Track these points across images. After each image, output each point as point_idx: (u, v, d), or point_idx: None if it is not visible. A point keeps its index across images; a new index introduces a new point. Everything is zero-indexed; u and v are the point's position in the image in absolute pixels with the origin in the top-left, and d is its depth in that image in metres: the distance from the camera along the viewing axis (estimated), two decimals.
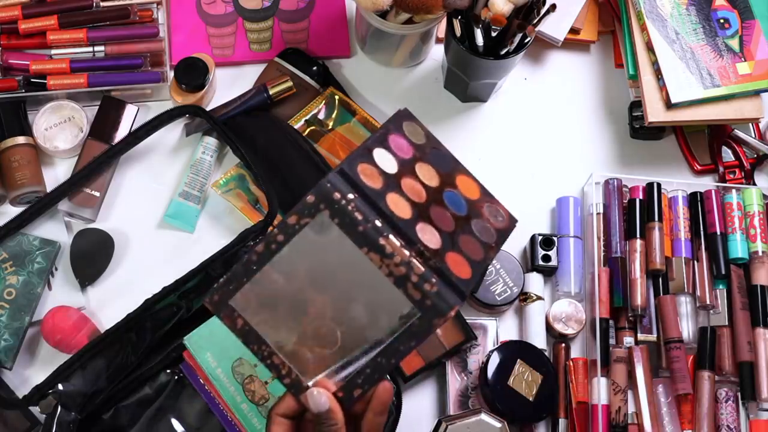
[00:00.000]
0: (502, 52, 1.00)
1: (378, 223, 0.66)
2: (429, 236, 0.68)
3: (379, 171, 0.69)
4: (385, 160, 0.71)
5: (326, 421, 0.67)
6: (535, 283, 1.02)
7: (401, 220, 0.67)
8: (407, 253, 0.66)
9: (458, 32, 0.99)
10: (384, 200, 0.67)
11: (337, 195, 0.66)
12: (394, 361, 0.65)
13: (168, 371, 0.91)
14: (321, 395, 0.67)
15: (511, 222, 0.74)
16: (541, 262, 1.03)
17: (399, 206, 0.68)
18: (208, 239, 1.03)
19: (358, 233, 0.65)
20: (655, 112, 1.06)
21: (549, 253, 1.03)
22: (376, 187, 0.68)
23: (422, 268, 0.65)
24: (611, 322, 1.01)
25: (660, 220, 1.04)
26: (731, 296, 1.03)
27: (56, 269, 0.99)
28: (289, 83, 1.06)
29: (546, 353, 0.98)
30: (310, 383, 0.66)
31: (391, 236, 0.66)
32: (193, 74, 1.05)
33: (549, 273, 1.04)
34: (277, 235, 0.66)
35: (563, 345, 1.01)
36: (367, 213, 0.66)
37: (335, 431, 0.67)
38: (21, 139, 1.02)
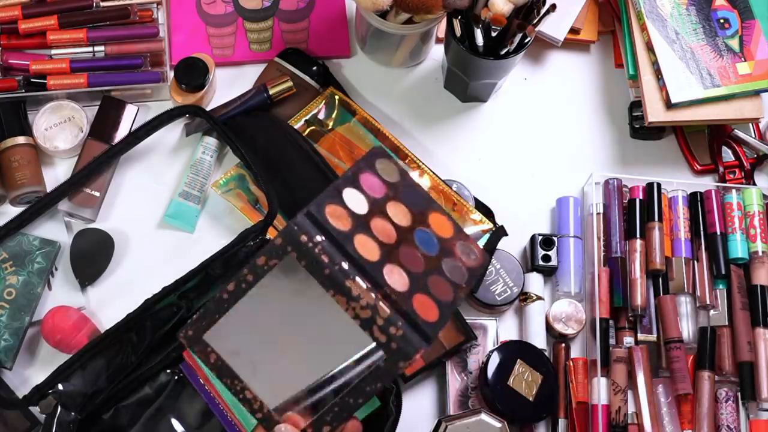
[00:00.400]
0: (502, 52, 1.00)
1: (345, 265, 0.67)
2: (396, 278, 0.68)
3: (349, 212, 0.70)
4: (355, 200, 0.71)
5: None
6: (535, 283, 1.02)
7: (368, 263, 0.68)
8: (373, 296, 0.66)
9: (458, 32, 0.99)
10: (351, 242, 0.68)
11: (304, 238, 0.67)
12: (362, 400, 0.67)
13: (168, 371, 0.91)
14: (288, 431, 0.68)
15: (484, 259, 0.74)
16: (541, 262, 1.03)
17: (367, 248, 0.69)
18: (208, 239, 1.03)
19: (324, 276, 0.66)
20: (655, 112, 1.06)
21: (549, 253, 1.03)
22: (344, 229, 0.68)
23: (388, 311, 0.66)
24: (611, 322, 1.01)
25: (660, 220, 1.04)
26: (731, 296, 1.03)
27: (56, 269, 0.99)
28: (289, 83, 1.06)
29: (546, 353, 0.98)
30: (281, 418, 0.68)
31: (357, 279, 0.67)
32: (193, 74, 1.05)
33: (549, 273, 1.04)
34: (247, 275, 0.68)
35: (563, 345, 1.01)
36: (334, 255, 0.67)
37: None
38: (21, 139, 1.02)
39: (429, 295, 0.69)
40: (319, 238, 0.67)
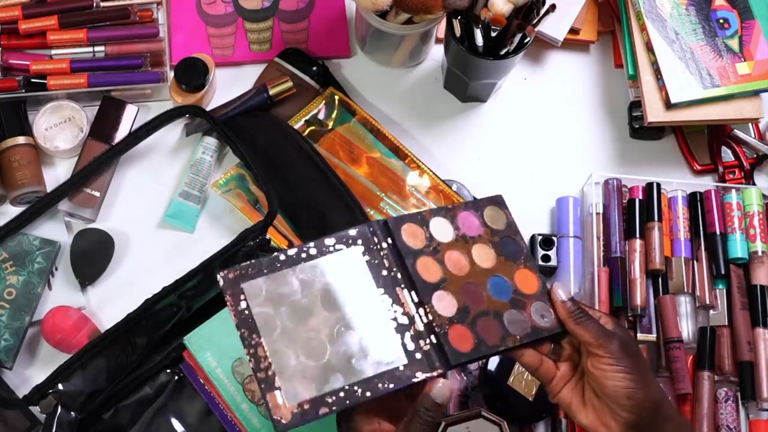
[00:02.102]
0: (502, 53, 1.00)
1: (399, 275, 0.74)
2: (445, 304, 0.74)
3: (427, 236, 0.77)
4: (442, 229, 0.78)
5: (432, 411, 0.69)
6: None
7: (422, 281, 0.74)
8: (414, 309, 0.73)
9: (458, 32, 0.99)
10: (414, 259, 0.75)
11: (375, 238, 0.75)
12: (369, 394, 0.69)
13: (168, 371, 0.91)
14: (445, 389, 0.70)
15: (557, 327, 0.77)
16: (540, 262, 1.03)
17: (428, 269, 0.75)
18: (208, 239, 1.03)
19: (380, 275, 0.74)
20: (655, 112, 1.06)
21: (549, 253, 1.03)
22: (412, 247, 0.76)
23: (422, 327, 0.72)
24: None
25: (659, 220, 1.04)
26: (731, 296, 1.03)
27: (56, 269, 1.00)
28: (289, 83, 1.06)
29: None
30: (281, 385, 0.68)
31: (406, 290, 0.74)
32: (193, 74, 1.05)
33: (549, 273, 1.04)
34: (311, 248, 0.73)
35: None
36: (394, 263, 0.74)
37: (431, 422, 0.70)
38: (21, 139, 1.02)
39: (471, 330, 0.74)
40: (386, 244, 0.75)
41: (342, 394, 0.68)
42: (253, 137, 1.04)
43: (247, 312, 0.70)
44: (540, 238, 1.04)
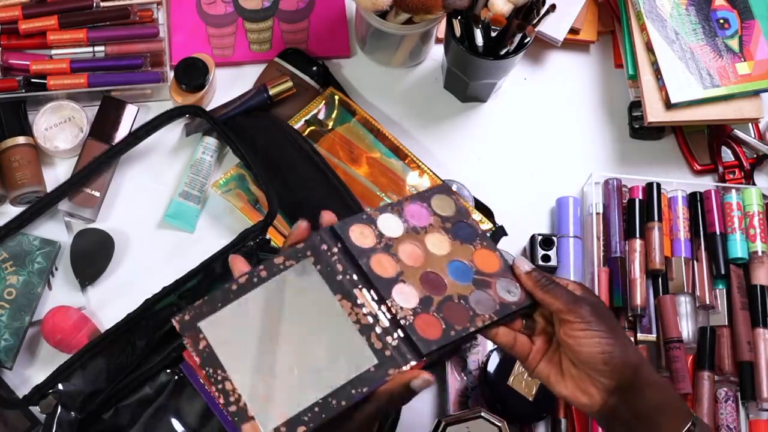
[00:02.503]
0: (502, 53, 1.00)
1: (355, 276, 0.73)
2: (405, 296, 0.73)
3: (376, 233, 0.76)
4: (390, 224, 0.77)
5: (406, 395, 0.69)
6: None
7: (379, 278, 0.73)
8: (376, 306, 0.72)
9: (458, 32, 0.99)
10: (368, 258, 0.74)
11: (324, 246, 0.74)
12: (345, 403, 0.68)
13: (168, 371, 0.91)
14: (425, 383, 0.69)
15: (525, 300, 0.76)
16: (540, 262, 1.03)
17: (383, 266, 0.74)
18: (208, 239, 1.03)
19: (335, 281, 0.72)
20: (655, 112, 1.06)
21: (549, 253, 1.03)
22: (362, 246, 0.74)
23: (387, 323, 0.71)
24: None
25: (659, 220, 1.04)
26: (731, 296, 1.03)
27: (56, 269, 1.00)
28: (289, 83, 1.06)
29: None
30: (254, 414, 0.67)
31: (364, 290, 0.72)
32: (193, 74, 1.05)
33: (549, 273, 1.04)
34: (262, 271, 0.72)
35: None
36: (347, 267, 0.73)
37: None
38: (21, 139, 1.02)
39: (438, 317, 0.73)
40: (336, 249, 0.74)
41: (317, 409, 0.68)
42: (253, 137, 1.04)
43: (208, 350, 0.69)
44: (540, 238, 1.04)
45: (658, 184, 1.06)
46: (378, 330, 0.71)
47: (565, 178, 1.10)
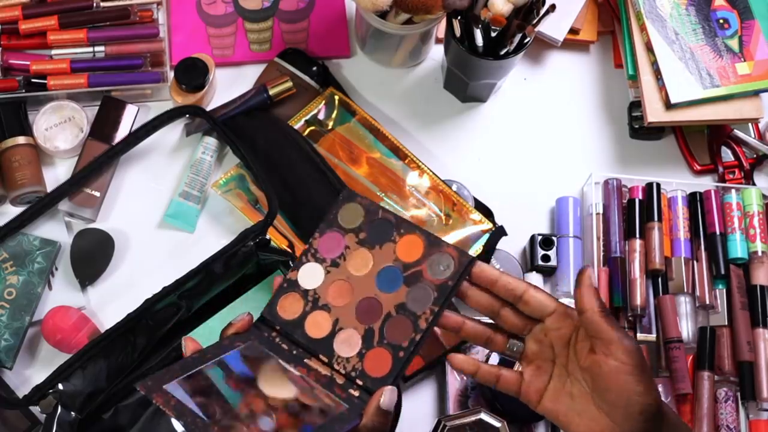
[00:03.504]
0: (502, 53, 1.00)
1: (300, 350, 0.75)
2: (347, 344, 0.74)
3: (302, 294, 0.76)
4: (310, 275, 0.77)
5: (378, 417, 0.68)
6: (534, 282, 1.02)
7: (317, 342, 0.74)
8: (329, 369, 0.73)
9: (458, 32, 0.99)
10: (302, 328, 0.75)
11: (265, 333, 0.76)
12: None
13: None
14: (388, 399, 0.69)
15: (460, 264, 0.74)
16: (540, 262, 1.03)
17: (318, 326, 0.75)
18: (208, 239, 1.03)
19: (285, 355, 0.74)
20: (655, 113, 1.06)
21: (548, 253, 1.03)
22: (293, 318, 0.76)
23: (342, 381, 0.73)
24: None
25: (659, 220, 1.04)
26: (731, 296, 1.03)
27: (56, 269, 1.00)
28: (289, 83, 1.06)
29: None
30: None
31: (313, 358, 0.74)
32: (193, 74, 1.05)
33: (548, 273, 1.04)
34: (213, 348, 0.72)
35: None
36: (290, 344, 0.75)
37: (378, 429, 0.68)
38: (21, 139, 1.02)
39: (383, 346, 0.73)
40: (275, 332, 0.76)
41: None
42: (253, 137, 1.04)
43: (181, 405, 0.68)
44: (540, 238, 1.04)
45: (658, 184, 1.06)
46: (339, 382, 0.72)
47: (565, 178, 1.10)
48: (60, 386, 0.88)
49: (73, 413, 0.88)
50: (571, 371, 0.70)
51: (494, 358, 0.95)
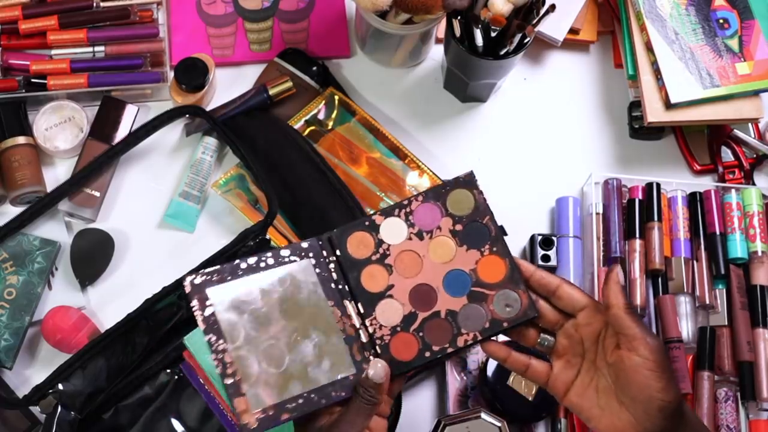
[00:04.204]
0: (502, 53, 1.00)
1: (346, 287, 0.75)
2: (389, 314, 0.75)
3: (376, 241, 0.76)
4: (394, 230, 0.77)
5: (371, 391, 0.70)
6: None
7: (366, 293, 0.75)
8: (359, 321, 0.74)
9: (458, 32, 0.99)
10: (358, 271, 0.76)
11: (325, 252, 0.76)
12: (325, 401, 0.71)
13: (168, 371, 0.91)
14: (382, 369, 0.70)
15: (523, 314, 0.74)
16: (540, 262, 1.03)
17: (374, 279, 0.76)
18: (208, 239, 1.03)
19: (329, 288, 0.75)
20: (655, 113, 1.06)
21: (548, 253, 1.03)
22: (357, 257, 0.76)
23: (366, 340, 0.74)
24: None
25: (659, 220, 1.04)
26: (731, 296, 1.03)
27: (56, 269, 1.00)
28: (289, 83, 1.06)
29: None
30: (246, 391, 0.70)
31: (352, 302, 0.75)
32: (193, 74, 1.05)
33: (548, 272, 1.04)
34: (269, 258, 0.74)
35: None
36: (340, 276, 0.75)
37: (371, 401, 0.70)
38: (21, 139, 1.02)
39: (417, 337, 0.74)
40: (333, 257, 0.76)
41: (301, 400, 0.70)
42: (253, 137, 1.04)
43: (213, 317, 0.71)
44: (540, 238, 1.04)
45: (658, 184, 1.06)
46: (359, 343, 0.73)
47: (565, 178, 1.10)
48: (60, 386, 0.88)
49: (73, 413, 0.88)
50: (599, 366, 0.72)
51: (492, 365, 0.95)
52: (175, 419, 0.90)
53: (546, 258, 1.03)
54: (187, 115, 1.04)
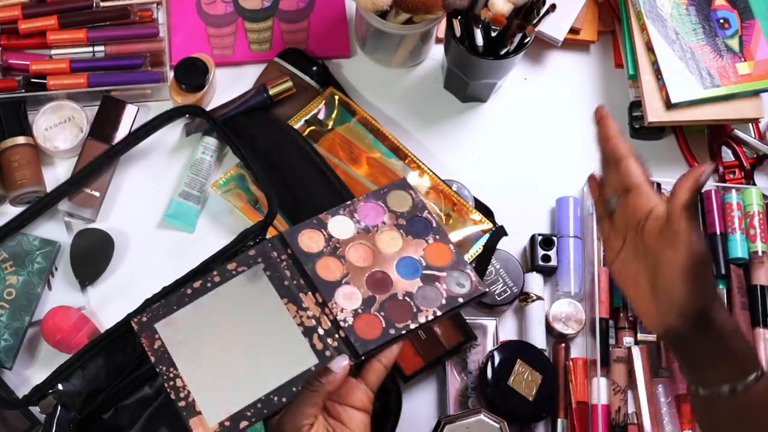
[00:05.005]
0: (502, 52, 1.00)
1: (301, 281, 0.78)
2: (349, 298, 0.78)
3: (326, 237, 0.81)
4: (341, 227, 0.82)
5: (319, 379, 0.71)
6: (534, 283, 1.02)
7: (323, 282, 0.78)
8: (319, 310, 0.77)
9: (458, 32, 0.99)
10: (313, 263, 0.79)
11: (274, 253, 0.80)
12: (285, 400, 0.73)
13: None
14: (341, 359, 0.72)
15: (475, 289, 0.80)
16: (540, 262, 1.03)
17: (329, 269, 0.79)
18: (208, 239, 1.03)
19: (282, 286, 0.78)
20: (655, 112, 1.06)
21: (549, 253, 1.03)
22: (310, 252, 0.80)
23: (329, 325, 0.76)
24: (611, 322, 1.01)
25: None
26: (731, 296, 1.03)
27: (56, 269, 1.00)
28: (289, 83, 1.06)
29: (546, 353, 0.98)
30: (201, 409, 0.72)
31: (309, 294, 0.78)
32: (193, 74, 1.05)
33: (549, 273, 1.04)
34: (215, 276, 0.78)
35: (563, 345, 1.01)
36: (294, 272, 0.79)
37: (312, 390, 0.71)
38: (21, 139, 1.02)
39: (379, 316, 0.77)
40: (285, 255, 0.79)
41: (259, 405, 0.72)
42: (253, 137, 1.04)
43: (162, 349, 0.75)
44: (540, 238, 1.04)
45: (658, 184, 1.06)
46: (320, 332, 0.76)
47: (565, 178, 1.10)
48: (60, 386, 0.88)
49: (73, 413, 0.88)
50: (638, 250, 0.72)
51: (494, 359, 0.95)
52: (174, 419, 0.90)
53: (546, 258, 1.03)
54: (187, 115, 1.04)
